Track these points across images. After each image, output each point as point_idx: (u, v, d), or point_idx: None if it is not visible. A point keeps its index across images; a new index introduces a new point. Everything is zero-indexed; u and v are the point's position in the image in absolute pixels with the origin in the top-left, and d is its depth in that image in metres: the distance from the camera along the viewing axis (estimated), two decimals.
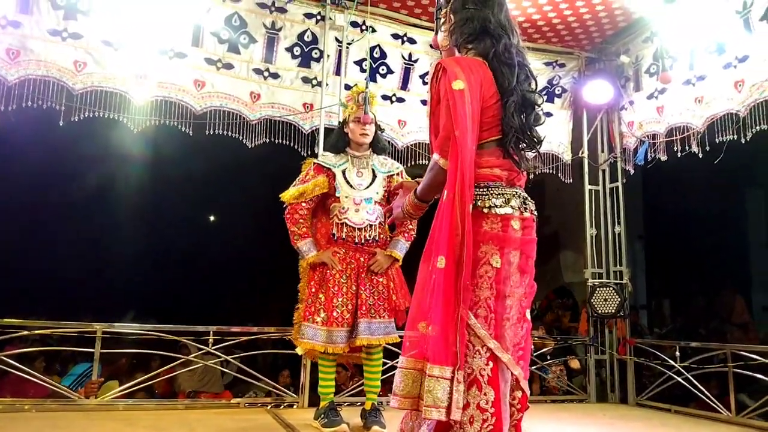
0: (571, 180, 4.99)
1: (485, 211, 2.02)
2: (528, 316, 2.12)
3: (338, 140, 3.45)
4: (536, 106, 2.15)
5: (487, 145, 2.08)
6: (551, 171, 4.95)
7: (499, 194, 2.05)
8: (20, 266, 7.06)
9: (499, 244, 2.01)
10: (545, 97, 4.95)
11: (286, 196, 3.31)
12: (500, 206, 2.03)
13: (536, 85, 2.21)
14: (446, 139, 1.96)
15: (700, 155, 4.19)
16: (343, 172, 3.32)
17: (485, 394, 1.90)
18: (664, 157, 4.51)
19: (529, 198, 2.16)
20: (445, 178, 1.99)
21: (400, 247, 3.33)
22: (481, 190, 2.04)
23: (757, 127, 3.76)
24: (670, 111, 4.46)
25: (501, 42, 2.09)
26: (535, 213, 2.17)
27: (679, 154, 4.35)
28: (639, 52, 4.75)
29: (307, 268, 3.33)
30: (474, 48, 2.11)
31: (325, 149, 3.83)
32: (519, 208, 2.08)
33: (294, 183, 3.37)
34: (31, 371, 3.63)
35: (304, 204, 3.29)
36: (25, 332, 3.62)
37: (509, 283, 2.02)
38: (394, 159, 4.32)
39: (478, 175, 2.05)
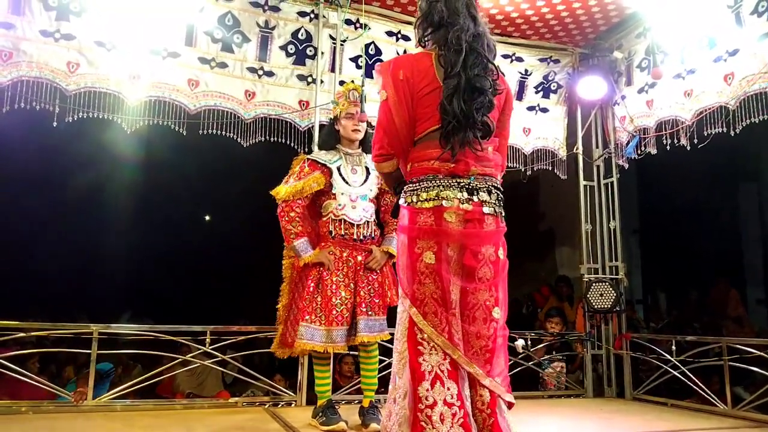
0: (566, 176, 5.00)
1: (417, 206, 2.03)
2: (496, 314, 2.01)
3: (329, 137, 3.44)
4: (483, 91, 2.02)
5: (427, 137, 2.05)
6: (547, 167, 4.96)
7: (429, 187, 2.01)
8: (15, 268, 7.02)
9: (434, 238, 1.97)
10: (541, 93, 4.97)
11: (281, 193, 3.24)
12: (431, 199, 2.00)
13: (496, 70, 2.11)
14: (373, 144, 2.17)
15: (688, 148, 4.20)
16: (338, 169, 3.30)
17: (449, 389, 1.89)
18: (654, 151, 4.53)
19: (487, 189, 2.02)
20: (386, 176, 2.25)
21: (395, 244, 3.32)
22: (413, 185, 2.06)
23: (747, 121, 3.77)
24: (659, 105, 4.48)
25: (453, 29, 2.06)
26: (493, 205, 2.03)
27: (668, 148, 4.37)
28: (632, 47, 4.77)
29: (295, 266, 3.30)
30: (431, 40, 2.15)
31: (318, 145, 3.83)
32: (457, 198, 1.97)
33: (285, 180, 3.32)
34: (28, 373, 3.62)
35: (299, 201, 3.24)
36: (21, 334, 3.61)
37: (450, 278, 1.96)
38: None
39: (415, 170, 2.07)
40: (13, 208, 6.71)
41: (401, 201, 2.12)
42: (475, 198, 2.00)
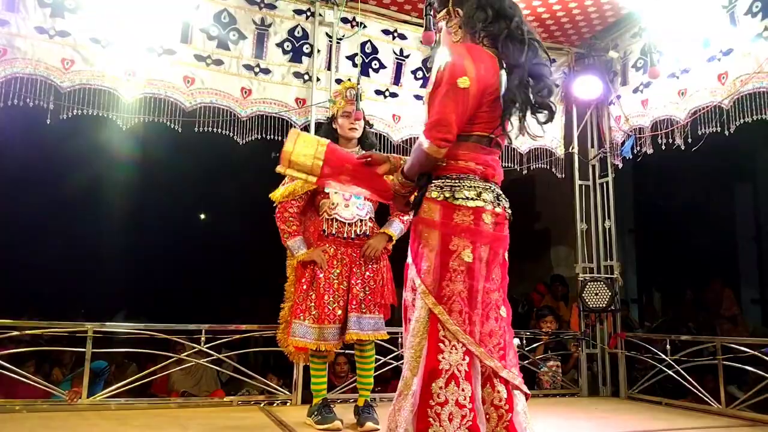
0: (563, 175, 5.01)
1: (456, 203, 2.00)
2: (503, 313, 2.10)
3: (327, 136, 3.43)
4: (544, 82, 2.11)
5: (472, 139, 2.07)
6: (545, 166, 4.96)
7: (471, 186, 2.03)
8: (9, 266, 6.99)
9: (471, 238, 1.99)
10: None
11: (276, 195, 3.30)
12: (472, 198, 2.01)
13: (548, 58, 2.19)
14: (437, 125, 1.97)
15: (683, 147, 4.22)
16: None
17: (463, 390, 1.89)
18: (649, 151, 4.54)
19: (503, 195, 2.14)
20: (430, 162, 2.02)
21: (395, 227, 3.32)
22: (452, 181, 2.04)
23: (741, 120, 3.78)
24: (654, 104, 4.50)
25: (513, 21, 2.08)
26: (509, 211, 2.14)
27: (663, 147, 4.39)
28: (627, 47, 4.78)
29: (294, 266, 3.32)
30: (488, 33, 2.09)
31: None
32: (492, 202, 2.05)
33: (283, 182, 3.36)
34: (23, 372, 3.61)
35: (293, 202, 3.28)
36: (16, 333, 3.59)
37: (480, 277, 2.00)
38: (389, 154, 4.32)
39: (452, 167, 2.05)
40: (7, 206, 6.68)
41: (433, 195, 2.03)
42: (501, 202, 2.09)
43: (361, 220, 3.28)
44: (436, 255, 1.99)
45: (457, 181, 2.03)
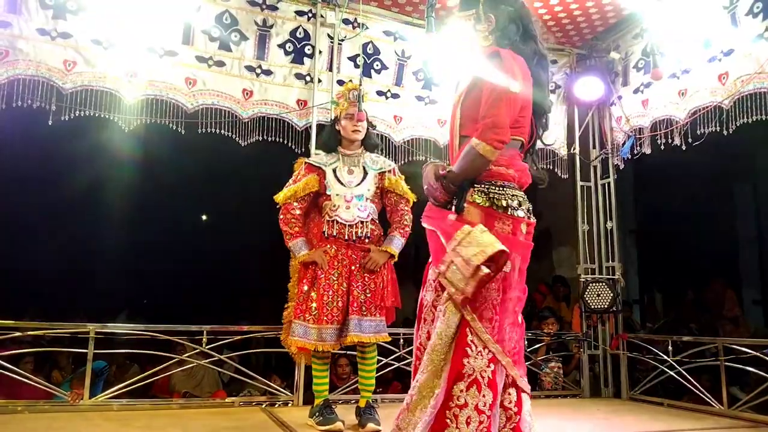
0: (567, 176, 5.01)
1: (500, 211, 1.99)
2: (520, 319, 2.12)
3: (330, 138, 3.45)
4: (547, 113, 2.24)
5: (512, 144, 2.07)
6: (548, 167, 4.96)
7: (513, 195, 2.03)
8: (10, 267, 7.00)
9: (509, 247, 1.95)
10: None
11: (280, 197, 3.34)
12: (516, 208, 2.02)
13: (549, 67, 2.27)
14: (493, 126, 1.94)
15: (683, 147, 4.22)
16: (334, 170, 3.32)
17: (484, 396, 1.88)
18: (648, 151, 4.55)
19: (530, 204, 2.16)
20: (484, 164, 1.98)
21: (396, 243, 3.32)
22: (497, 188, 2.01)
23: (741, 121, 3.78)
24: (654, 104, 4.51)
25: (537, 40, 2.13)
26: (534, 220, 2.16)
27: (662, 147, 4.39)
28: (629, 48, 4.78)
29: (297, 267, 3.33)
30: (519, 50, 2.09)
31: (317, 147, 3.83)
32: (527, 211, 2.08)
33: (287, 184, 3.38)
34: (26, 373, 3.61)
35: (296, 204, 3.31)
36: (17, 333, 3.59)
37: (513, 287, 2.01)
38: (390, 155, 4.35)
39: (494, 173, 2.02)
40: (8, 207, 6.69)
41: (477, 200, 2.00)
42: (531, 211, 2.11)
43: (362, 222, 3.28)
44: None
45: (501, 188, 2.02)
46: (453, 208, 2.03)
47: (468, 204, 2.00)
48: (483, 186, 2.01)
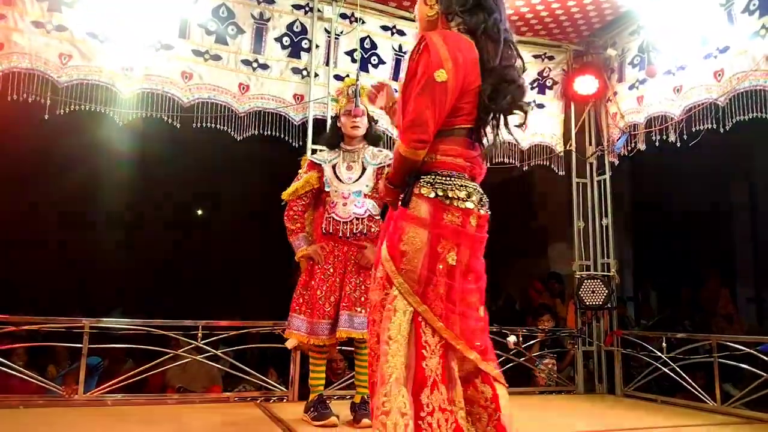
0: (563, 172, 5.01)
1: (446, 202, 1.89)
2: (481, 313, 2.01)
3: (332, 135, 3.48)
4: (518, 85, 2.01)
5: (456, 132, 1.94)
6: (544, 163, 4.96)
7: (462, 186, 1.92)
8: (5, 261, 6.97)
9: (456, 240, 1.89)
10: (536, 89, 4.97)
11: (285, 194, 3.38)
12: (464, 199, 1.91)
13: (523, 64, 2.08)
14: (412, 125, 1.85)
15: (678, 144, 4.23)
16: (333, 167, 3.34)
17: (441, 393, 1.83)
18: (643, 147, 4.55)
19: (485, 196, 2.04)
20: (412, 164, 1.90)
21: None
22: (443, 179, 1.91)
23: (737, 118, 3.79)
24: (649, 101, 4.51)
25: (492, 16, 1.97)
26: (489, 212, 2.04)
27: (657, 144, 4.40)
28: (625, 44, 4.79)
29: (301, 262, 3.38)
30: (464, 21, 1.96)
31: (321, 144, 3.83)
32: (478, 203, 1.96)
33: (293, 181, 3.42)
34: (20, 368, 3.59)
35: (298, 200, 3.37)
36: (12, 328, 3.58)
37: (460, 279, 1.91)
38: (391, 150, 4.32)
39: (441, 163, 1.93)
40: (3, 202, 6.65)
41: (423, 191, 1.90)
42: (485, 204, 2.00)
43: (358, 218, 3.28)
44: (424, 256, 1.88)
45: (448, 178, 1.92)
46: (400, 202, 1.96)
47: (415, 197, 1.92)
48: (429, 177, 1.92)
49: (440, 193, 1.90)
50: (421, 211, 1.90)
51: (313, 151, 4.10)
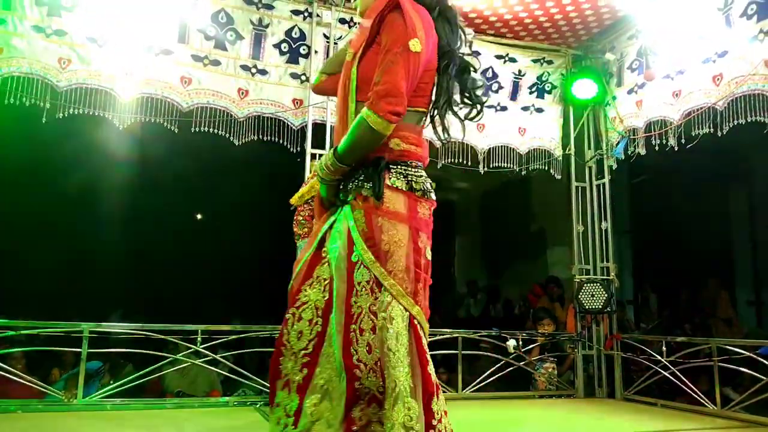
0: (560, 176, 5.02)
1: (419, 194, 1.79)
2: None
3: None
4: (473, 70, 1.91)
5: (411, 115, 1.79)
6: (543, 167, 4.97)
7: (426, 177, 1.82)
8: (4, 265, 6.96)
9: (427, 232, 1.81)
10: (535, 93, 4.98)
11: (293, 199, 3.40)
12: (431, 191, 1.82)
13: (470, 49, 1.97)
14: (387, 94, 1.66)
15: (676, 148, 4.23)
16: None
17: (440, 397, 1.75)
18: (642, 151, 4.56)
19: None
20: (376, 140, 1.70)
21: None
22: (413, 169, 1.80)
23: (735, 122, 3.79)
24: (648, 105, 4.52)
25: None
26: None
27: (656, 148, 4.40)
28: (624, 49, 4.80)
29: None
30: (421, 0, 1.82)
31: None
32: (432, 191, 1.86)
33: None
34: (19, 372, 3.58)
35: (305, 206, 3.37)
36: (11, 332, 3.57)
37: (427, 272, 1.83)
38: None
39: (408, 152, 1.79)
40: (1, 205, 6.65)
41: (397, 183, 1.77)
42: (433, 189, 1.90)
43: None
44: (410, 253, 1.76)
45: (417, 169, 1.80)
46: (372, 195, 1.76)
47: (388, 189, 1.76)
48: (401, 167, 1.78)
49: (415, 186, 1.78)
50: (398, 206, 1.76)
51: (313, 156, 4.11)
